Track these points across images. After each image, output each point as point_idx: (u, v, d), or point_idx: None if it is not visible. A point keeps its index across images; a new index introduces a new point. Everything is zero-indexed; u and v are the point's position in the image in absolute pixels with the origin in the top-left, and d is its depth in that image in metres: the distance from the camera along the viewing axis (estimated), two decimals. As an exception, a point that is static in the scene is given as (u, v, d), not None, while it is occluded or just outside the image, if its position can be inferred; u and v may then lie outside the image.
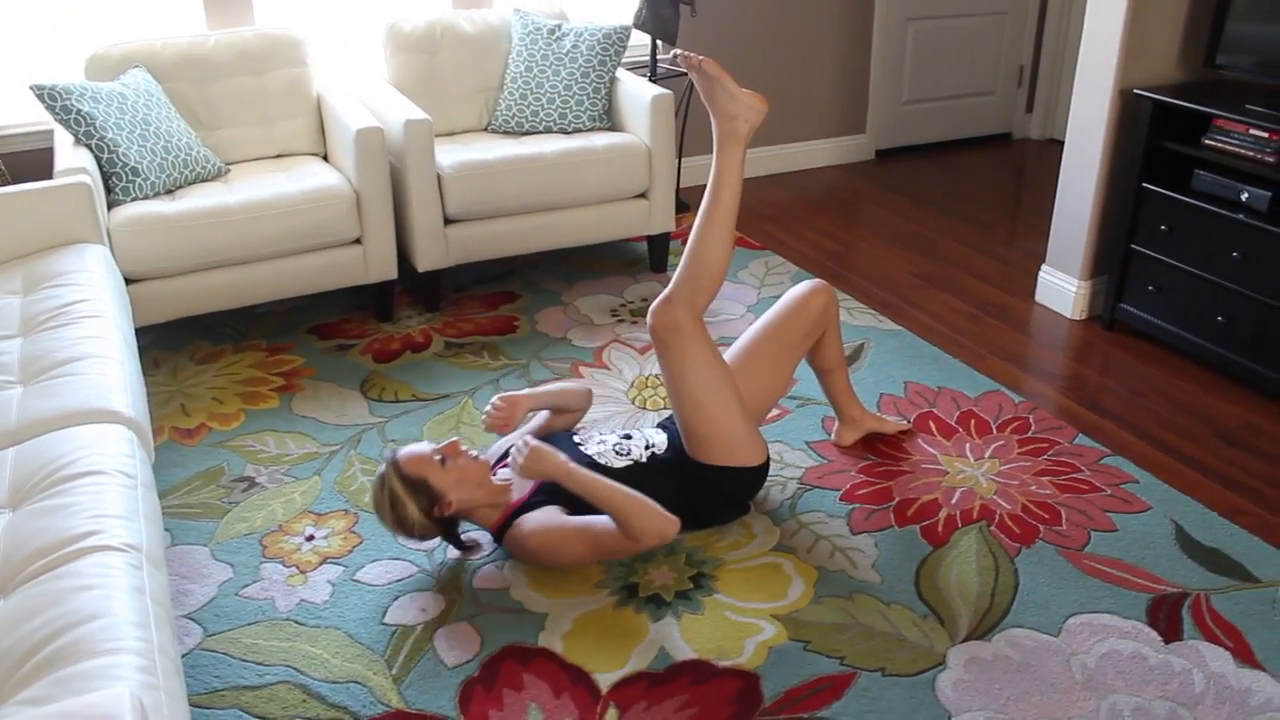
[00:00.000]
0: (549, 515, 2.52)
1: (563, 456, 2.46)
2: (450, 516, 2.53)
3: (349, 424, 3.22)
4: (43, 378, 2.41)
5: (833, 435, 3.12)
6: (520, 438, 2.55)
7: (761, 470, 2.70)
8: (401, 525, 2.49)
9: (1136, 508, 2.80)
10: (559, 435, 2.75)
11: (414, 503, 2.47)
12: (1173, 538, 2.69)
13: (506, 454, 2.75)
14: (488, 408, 2.69)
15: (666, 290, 2.61)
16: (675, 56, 2.60)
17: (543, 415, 2.88)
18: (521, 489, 2.60)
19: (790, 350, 2.85)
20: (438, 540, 2.68)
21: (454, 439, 2.56)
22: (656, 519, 2.41)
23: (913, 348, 3.65)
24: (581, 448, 2.66)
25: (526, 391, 2.75)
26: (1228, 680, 2.24)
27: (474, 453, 2.57)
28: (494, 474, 2.65)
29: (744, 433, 2.64)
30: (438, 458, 2.50)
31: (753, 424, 2.69)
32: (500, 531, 2.57)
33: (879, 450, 3.07)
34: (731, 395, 2.61)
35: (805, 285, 2.89)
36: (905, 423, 3.16)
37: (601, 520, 2.47)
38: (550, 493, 2.55)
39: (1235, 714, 2.15)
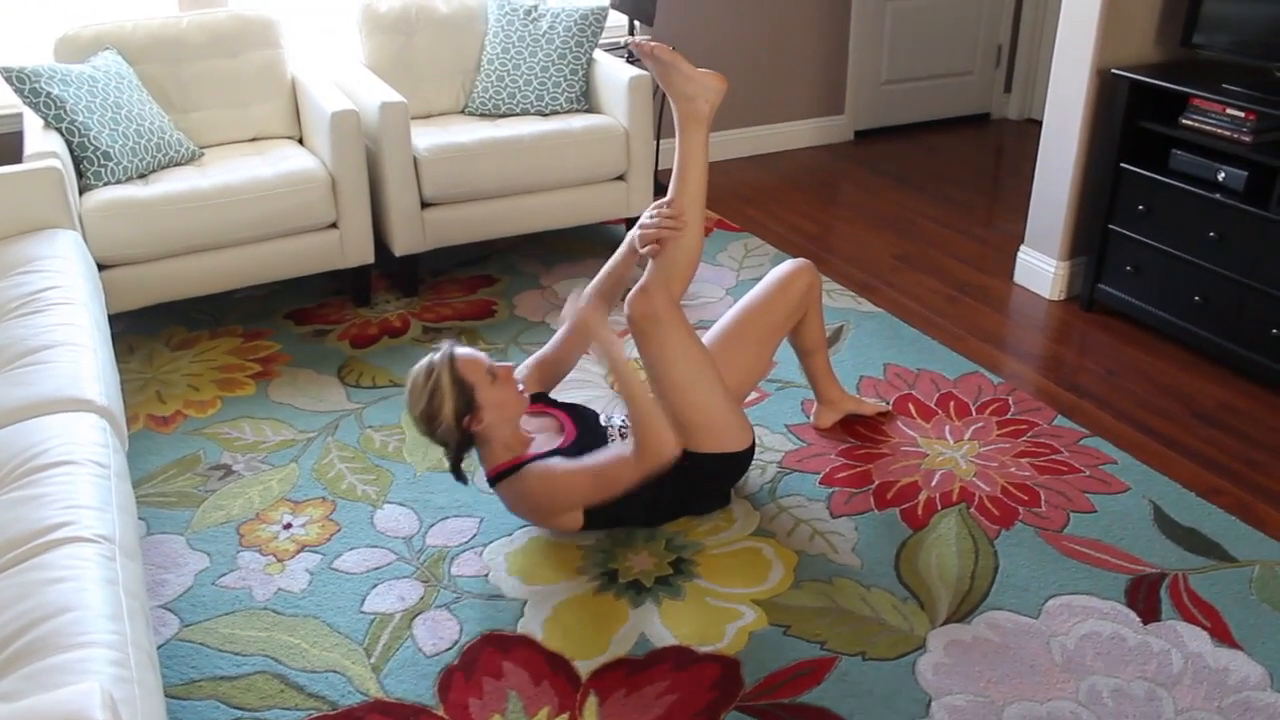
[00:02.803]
0: (556, 460, 2.51)
1: (613, 332, 2.49)
2: (472, 432, 2.48)
3: (326, 410, 3.20)
4: (13, 366, 2.38)
5: (811, 417, 3.11)
6: (571, 303, 2.58)
7: (747, 455, 2.69)
8: (429, 418, 2.43)
9: (1115, 488, 2.81)
10: (588, 413, 2.72)
11: (453, 401, 2.41)
12: (1151, 518, 2.69)
13: (536, 398, 2.73)
14: (651, 215, 2.62)
15: (642, 280, 2.59)
16: (627, 44, 2.58)
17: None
18: (540, 447, 2.57)
19: (773, 332, 2.83)
20: (416, 524, 2.67)
21: (510, 363, 2.54)
22: (668, 432, 2.44)
23: (892, 329, 3.64)
24: (610, 431, 2.67)
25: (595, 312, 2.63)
26: (1205, 660, 2.25)
27: (520, 386, 2.55)
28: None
29: (729, 418, 2.62)
30: (490, 372, 2.47)
31: (737, 408, 2.68)
32: (500, 476, 2.52)
33: (858, 433, 3.06)
34: (715, 381, 2.60)
35: (788, 265, 2.88)
36: (884, 404, 3.16)
37: (601, 453, 2.47)
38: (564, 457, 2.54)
39: (1213, 693, 2.16)
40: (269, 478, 2.89)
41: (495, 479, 2.55)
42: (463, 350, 2.47)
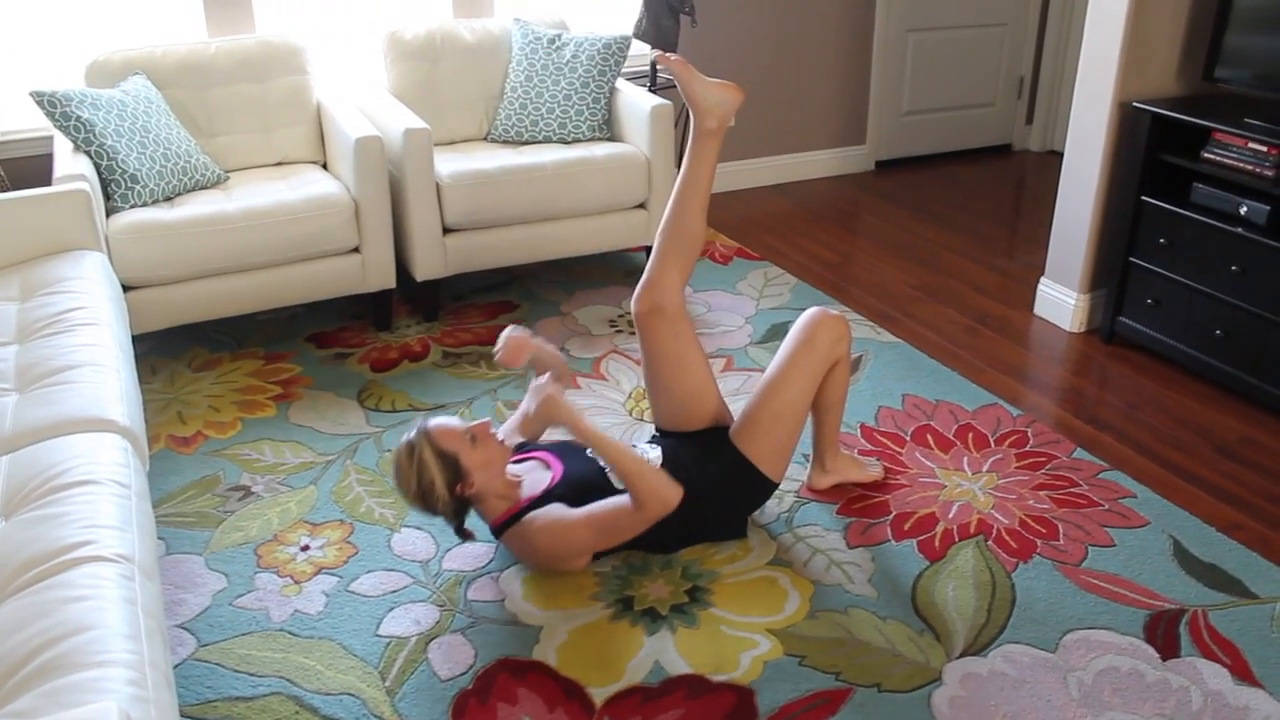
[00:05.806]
0: (557, 509, 2.52)
1: (576, 406, 2.48)
2: (467, 497, 2.50)
3: (346, 433, 3.21)
4: (38, 385, 2.41)
5: (806, 479, 2.97)
6: (533, 394, 2.57)
7: (771, 488, 2.70)
8: (425, 497, 2.46)
9: (1134, 522, 2.79)
10: (572, 446, 2.73)
11: (442, 476, 2.44)
12: (1170, 553, 2.68)
13: (519, 448, 2.75)
14: (502, 337, 2.70)
15: (651, 276, 2.68)
16: (657, 58, 2.68)
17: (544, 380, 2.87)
18: (532, 488, 2.59)
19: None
20: (433, 548, 2.68)
21: (485, 419, 2.55)
22: (663, 482, 2.44)
23: (911, 360, 3.64)
24: (597, 460, 2.65)
25: (536, 340, 2.74)
26: (1225, 698, 2.23)
27: (500, 437, 2.56)
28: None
29: (788, 442, 2.67)
30: (468, 436, 2.49)
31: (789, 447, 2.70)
32: (503, 527, 2.55)
33: (876, 463, 3.05)
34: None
35: (811, 318, 2.73)
36: (880, 469, 3.00)
37: (604, 504, 2.47)
38: (560, 497, 2.54)
39: (1232, 732, 2.14)
40: (288, 499, 2.90)
41: (499, 530, 2.58)
42: (435, 423, 2.49)
